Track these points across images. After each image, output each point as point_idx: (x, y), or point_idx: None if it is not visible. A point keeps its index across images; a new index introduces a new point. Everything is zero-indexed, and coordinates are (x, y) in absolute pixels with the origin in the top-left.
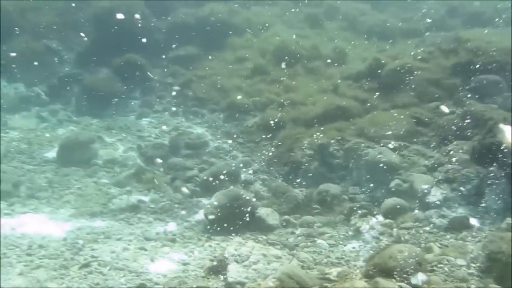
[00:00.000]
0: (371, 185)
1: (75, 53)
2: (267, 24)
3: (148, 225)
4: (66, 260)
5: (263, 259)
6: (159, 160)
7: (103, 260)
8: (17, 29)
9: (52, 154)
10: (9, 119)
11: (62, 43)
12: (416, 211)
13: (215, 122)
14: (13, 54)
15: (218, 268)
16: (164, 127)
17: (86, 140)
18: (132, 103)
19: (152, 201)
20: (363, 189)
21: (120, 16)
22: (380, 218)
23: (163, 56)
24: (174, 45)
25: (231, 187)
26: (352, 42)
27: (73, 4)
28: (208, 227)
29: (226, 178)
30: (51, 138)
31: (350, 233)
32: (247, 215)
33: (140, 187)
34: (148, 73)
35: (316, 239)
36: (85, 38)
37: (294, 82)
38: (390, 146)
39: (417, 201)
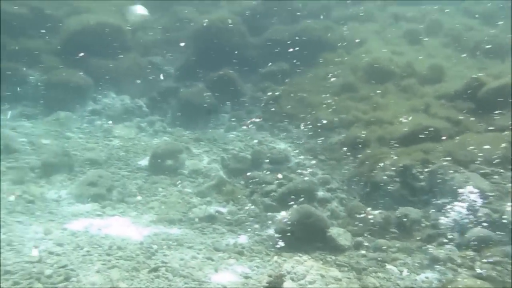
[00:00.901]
0: (456, 212)
1: (175, 68)
2: (361, 41)
3: (220, 236)
4: (139, 263)
5: (320, 279)
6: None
7: (171, 266)
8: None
9: (144, 162)
10: (113, 127)
11: (164, 59)
12: (506, 246)
13: (299, 138)
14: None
15: (275, 285)
16: (250, 141)
17: (175, 150)
18: (223, 117)
19: (229, 213)
20: (446, 216)
21: (217, 32)
22: (462, 248)
23: (256, 72)
24: (267, 61)
25: (305, 204)
26: (454, 60)
27: (177, 24)
28: (278, 242)
29: (303, 195)
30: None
31: (426, 261)
32: (318, 233)
33: (219, 198)
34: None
35: (387, 264)
36: (185, 54)
37: (383, 100)
38: (481, 171)
39: (508, 234)
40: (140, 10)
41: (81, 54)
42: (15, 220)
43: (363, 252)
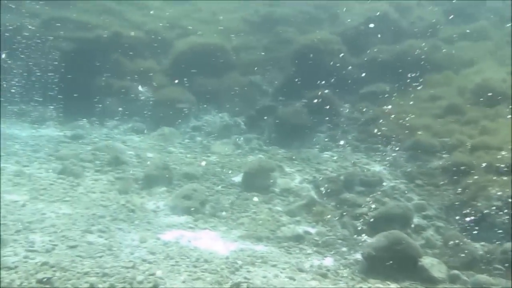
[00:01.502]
0: None
1: (274, 87)
2: (472, 61)
3: (305, 257)
4: (222, 277)
5: None
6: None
7: (253, 283)
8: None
9: (238, 178)
10: (212, 144)
11: (264, 78)
12: None
13: (396, 161)
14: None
15: None
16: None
17: (268, 168)
18: (318, 136)
19: (317, 234)
20: None
21: (316, 52)
22: None
23: (355, 92)
24: (366, 81)
25: (397, 230)
26: None
27: (279, 44)
28: (366, 268)
29: (396, 220)
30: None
31: None
32: (409, 261)
33: (309, 219)
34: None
35: None
36: (284, 73)
37: (493, 124)
38: None
39: None
40: None
41: (188, 73)
42: (117, 227)
43: (459, 286)
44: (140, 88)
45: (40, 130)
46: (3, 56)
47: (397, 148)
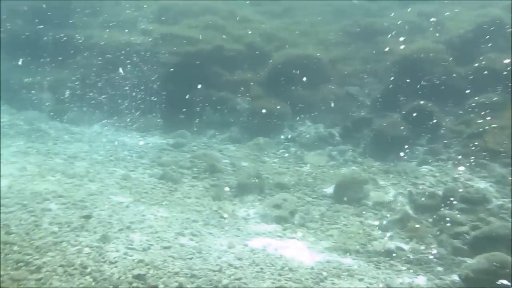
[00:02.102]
0: None
1: (371, 99)
2: None
3: (396, 273)
4: (306, 287)
5: None
6: None
7: None
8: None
9: (330, 190)
10: (306, 155)
11: (361, 89)
12: None
13: (505, 178)
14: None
15: None
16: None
17: (360, 181)
18: (417, 150)
19: (411, 251)
20: None
21: (418, 62)
22: None
23: (460, 104)
24: (474, 92)
25: (501, 252)
26: None
27: (378, 54)
28: None
29: (501, 241)
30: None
31: None
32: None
33: (402, 234)
34: None
35: None
36: (382, 85)
37: None
38: None
39: None
40: None
41: (285, 84)
42: (208, 231)
43: None
44: (238, 99)
45: (146, 138)
46: (120, 71)
47: (507, 164)
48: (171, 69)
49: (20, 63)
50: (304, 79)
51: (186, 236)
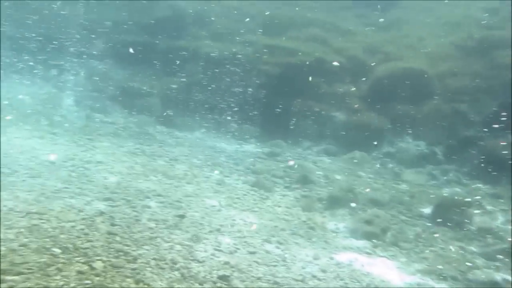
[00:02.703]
0: None
1: (482, 117)
2: None
3: None
4: None
5: None
6: None
7: None
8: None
9: (428, 210)
10: (404, 172)
11: (471, 106)
12: None
13: None
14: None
15: None
16: None
17: (464, 203)
18: None
19: None
20: None
21: None
22: None
23: None
24: None
25: None
26: None
27: (493, 70)
28: None
29: None
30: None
31: None
32: None
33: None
34: None
35: None
36: (495, 101)
37: None
38: None
39: None
40: None
41: (386, 98)
42: (294, 241)
43: None
44: (336, 111)
45: (243, 145)
46: (223, 80)
47: None
48: (271, 80)
49: (135, 71)
50: (408, 93)
51: (273, 244)
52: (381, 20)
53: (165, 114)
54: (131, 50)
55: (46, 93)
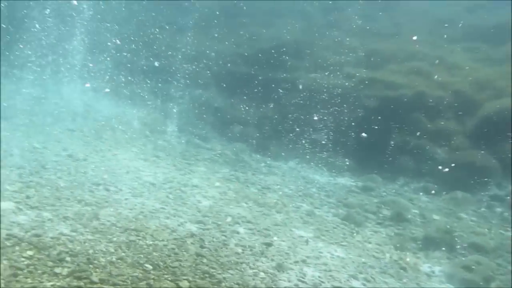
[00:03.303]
0: None
1: None
2: None
3: None
4: None
5: None
6: None
7: None
8: None
9: None
10: None
11: None
12: None
13: None
14: None
15: None
16: None
17: None
18: None
19: None
20: None
21: None
22: None
23: None
24: None
25: None
26: None
27: None
28: None
29: None
30: None
31: None
32: None
33: None
34: None
35: None
36: None
37: None
38: None
39: None
40: None
41: (496, 137)
42: (383, 279)
43: None
44: (437, 148)
45: (336, 178)
46: (319, 112)
47: None
48: (369, 113)
49: (235, 100)
50: None
51: (359, 280)
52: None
53: (261, 143)
54: (156, 64)
55: (153, 119)
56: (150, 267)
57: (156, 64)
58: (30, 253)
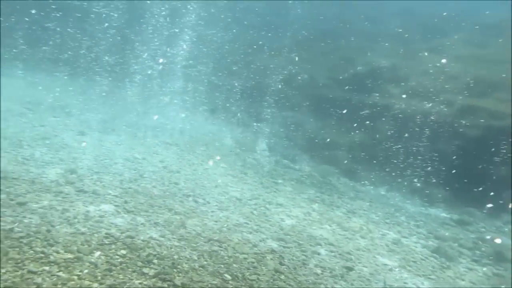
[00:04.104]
0: None
1: None
2: None
3: None
4: None
5: None
6: None
7: None
8: None
9: None
10: None
11: None
12: None
13: None
14: None
15: None
16: None
17: None
18: None
19: None
20: None
21: None
22: None
23: None
24: None
25: None
26: None
27: None
28: None
29: None
30: None
31: None
32: None
33: None
34: None
35: None
36: None
37: None
38: None
39: None
40: None
41: None
42: None
43: None
44: None
45: (429, 208)
46: (409, 144)
47: None
48: (469, 143)
49: (326, 123)
50: None
51: None
52: None
53: (350, 167)
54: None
55: (245, 137)
56: (229, 277)
57: (251, 83)
58: (123, 252)
